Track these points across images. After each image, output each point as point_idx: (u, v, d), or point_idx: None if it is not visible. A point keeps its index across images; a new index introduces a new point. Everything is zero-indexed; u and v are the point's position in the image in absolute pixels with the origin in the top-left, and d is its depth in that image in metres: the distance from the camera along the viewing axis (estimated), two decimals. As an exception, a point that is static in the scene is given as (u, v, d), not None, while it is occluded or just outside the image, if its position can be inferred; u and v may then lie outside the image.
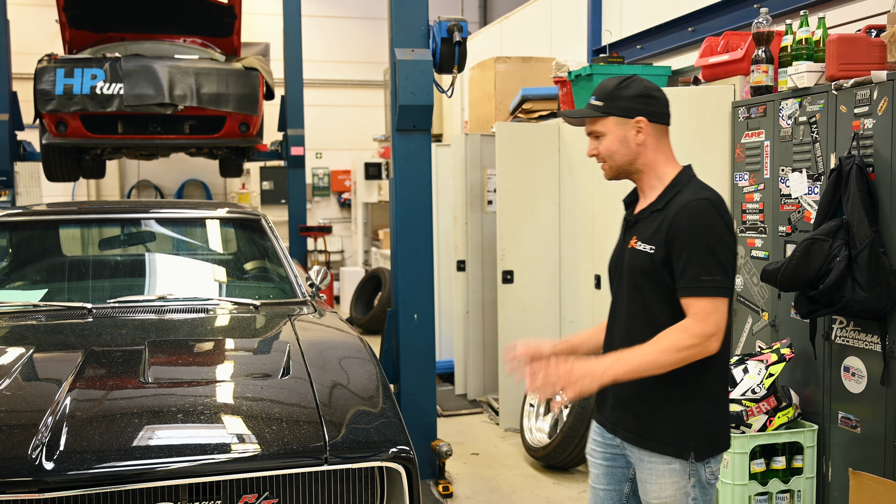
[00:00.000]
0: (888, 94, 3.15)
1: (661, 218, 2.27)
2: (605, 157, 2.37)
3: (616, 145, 2.33)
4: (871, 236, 3.13)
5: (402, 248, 4.71)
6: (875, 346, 3.25)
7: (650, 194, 2.36)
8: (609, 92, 2.34)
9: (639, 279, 2.30)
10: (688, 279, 2.18)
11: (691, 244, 2.19)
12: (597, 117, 2.35)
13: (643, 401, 2.31)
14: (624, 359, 2.19)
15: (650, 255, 2.26)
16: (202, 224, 4.39)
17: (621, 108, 2.33)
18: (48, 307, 3.58)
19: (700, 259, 2.17)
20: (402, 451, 2.51)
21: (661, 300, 2.26)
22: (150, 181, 12.45)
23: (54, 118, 6.60)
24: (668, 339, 2.17)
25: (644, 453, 2.31)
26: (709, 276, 2.17)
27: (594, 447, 2.51)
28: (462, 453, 5.24)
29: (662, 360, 2.16)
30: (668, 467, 2.27)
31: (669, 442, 2.27)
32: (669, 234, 2.22)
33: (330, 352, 3.24)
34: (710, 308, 2.17)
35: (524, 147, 5.59)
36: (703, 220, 2.20)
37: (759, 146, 3.86)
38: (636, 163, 2.35)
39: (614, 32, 6.53)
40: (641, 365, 2.17)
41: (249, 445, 2.44)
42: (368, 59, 12.80)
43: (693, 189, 2.28)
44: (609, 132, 2.34)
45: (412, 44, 4.58)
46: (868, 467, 3.23)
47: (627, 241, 2.37)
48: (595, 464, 2.50)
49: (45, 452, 2.26)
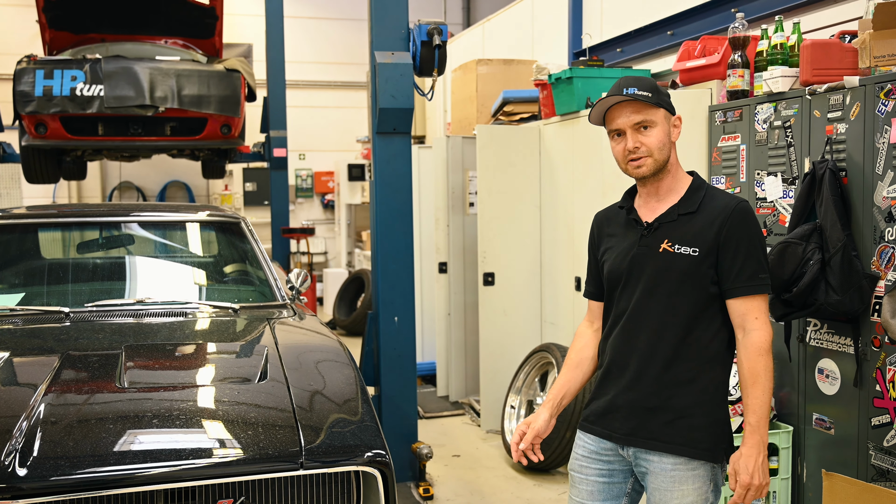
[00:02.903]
0: (860, 100, 3.19)
1: (700, 220, 2.28)
2: (653, 150, 2.30)
3: (665, 138, 2.31)
4: (844, 240, 3.17)
5: (383, 251, 4.72)
6: (848, 349, 3.29)
7: (668, 197, 2.36)
8: (653, 86, 2.31)
9: (678, 282, 2.28)
10: (747, 278, 2.24)
11: (748, 244, 2.25)
12: (652, 106, 2.29)
13: (673, 410, 2.28)
14: (758, 419, 2.21)
15: (693, 258, 2.26)
16: (182, 227, 4.38)
17: (668, 103, 2.33)
18: (25, 311, 3.56)
19: (757, 258, 2.26)
20: (377, 455, 2.51)
21: (700, 302, 2.28)
22: (132, 183, 12.38)
23: (34, 120, 6.57)
24: (760, 364, 2.22)
25: (669, 461, 2.28)
26: (764, 273, 2.27)
27: (586, 464, 2.42)
28: (443, 455, 5.26)
29: (771, 381, 2.24)
30: (692, 473, 2.27)
31: (705, 447, 2.26)
32: (721, 235, 2.25)
33: (308, 356, 3.24)
34: (765, 305, 2.27)
35: (505, 149, 5.61)
36: (753, 220, 2.29)
37: (736, 150, 3.90)
38: (668, 161, 2.34)
39: (594, 35, 6.56)
40: (769, 401, 2.23)
41: (226, 450, 2.44)
42: (351, 60, 12.79)
43: (724, 193, 2.37)
44: (659, 125, 2.30)
45: (392, 47, 4.59)
46: (841, 468, 3.27)
47: (651, 245, 2.33)
48: (587, 481, 2.42)
49: (18, 458, 2.25)
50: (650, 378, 2.30)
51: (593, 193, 4.82)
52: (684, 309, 2.28)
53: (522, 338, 5.67)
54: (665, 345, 2.28)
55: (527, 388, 5.30)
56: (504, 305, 5.66)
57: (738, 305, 2.26)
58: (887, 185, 3.09)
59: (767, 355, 2.22)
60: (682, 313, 2.28)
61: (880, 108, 3.09)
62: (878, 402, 3.15)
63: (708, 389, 2.28)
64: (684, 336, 2.27)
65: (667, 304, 2.29)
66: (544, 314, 5.66)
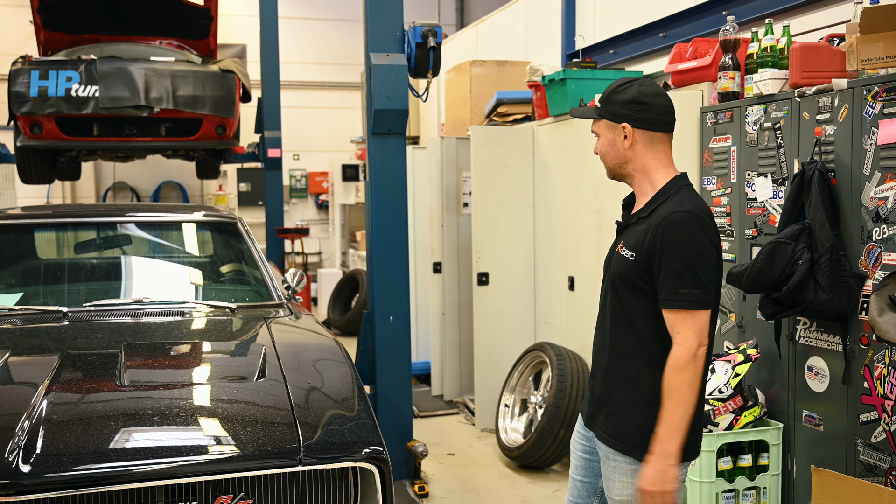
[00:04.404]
0: (848, 102, 3.24)
1: (646, 226, 2.31)
2: (602, 156, 2.45)
3: (606, 147, 2.42)
4: (833, 240, 3.22)
5: (378, 251, 4.76)
6: (837, 347, 3.35)
7: (641, 200, 2.41)
8: (606, 95, 2.41)
9: (620, 284, 2.37)
10: (666, 291, 2.24)
11: (669, 257, 2.23)
12: (594, 118, 2.45)
13: (613, 403, 2.38)
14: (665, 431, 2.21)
15: (630, 262, 2.32)
16: (178, 227, 4.41)
17: (611, 112, 2.39)
18: (23, 311, 3.59)
19: (677, 272, 2.21)
20: (375, 451, 2.56)
21: (641, 306, 2.32)
22: (126, 183, 12.39)
23: (29, 120, 6.58)
24: (673, 380, 2.21)
25: (609, 451, 2.38)
26: (685, 289, 2.21)
27: (577, 439, 2.60)
28: (438, 453, 5.30)
29: (685, 397, 2.21)
30: (630, 468, 2.34)
31: (634, 444, 2.32)
32: (649, 245, 2.27)
33: (305, 354, 3.28)
34: (689, 321, 2.21)
35: (499, 150, 5.65)
36: (681, 233, 2.23)
37: (727, 151, 3.95)
38: (626, 167, 2.41)
39: (587, 37, 6.61)
40: (680, 416, 2.20)
41: (225, 447, 2.48)
42: (345, 60, 12.82)
43: (677, 200, 2.29)
44: (602, 134, 2.43)
45: (387, 48, 4.63)
46: (830, 464, 3.33)
47: (616, 245, 2.45)
48: (576, 455, 2.59)
49: (21, 455, 2.29)
50: (601, 370, 2.45)
51: (587, 194, 4.87)
52: (627, 309, 2.35)
53: (516, 337, 5.72)
54: (613, 341, 2.39)
55: (521, 386, 5.35)
56: (498, 305, 5.71)
57: (665, 317, 2.26)
58: (875, 186, 3.14)
59: (682, 372, 2.20)
60: (627, 313, 2.36)
61: (868, 110, 3.15)
62: (866, 398, 3.20)
63: (644, 390, 2.32)
64: (629, 335, 2.35)
65: (615, 302, 2.39)
66: (538, 313, 5.71)
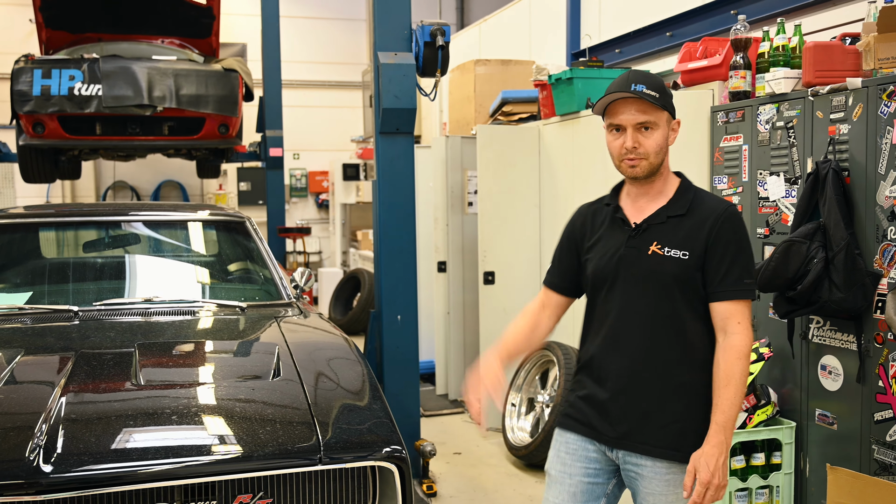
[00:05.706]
0: (863, 101, 3.24)
1: (690, 223, 2.26)
2: (650, 153, 2.26)
3: (664, 142, 2.28)
4: (847, 238, 3.22)
5: (386, 250, 4.74)
6: (851, 345, 3.35)
7: (658, 199, 2.33)
8: (661, 85, 2.26)
9: (669, 285, 2.25)
10: (733, 282, 2.22)
11: (736, 248, 2.23)
12: (657, 108, 2.25)
13: (667, 413, 2.26)
14: (726, 420, 2.17)
15: (684, 261, 2.24)
16: (187, 227, 4.39)
17: (672, 106, 2.28)
18: (34, 310, 3.57)
19: (743, 264, 2.24)
20: (395, 450, 2.55)
21: (689, 306, 2.26)
22: (126, 182, 12.36)
23: (31, 119, 6.55)
24: (737, 368, 2.18)
25: (664, 465, 2.26)
26: (750, 279, 2.25)
27: (571, 462, 2.38)
28: (445, 453, 5.29)
29: (744, 385, 2.21)
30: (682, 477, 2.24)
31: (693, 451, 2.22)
32: (711, 239, 2.23)
33: (318, 353, 3.27)
34: (748, 310, 2.25)
35: (505, 149, 5.64)
36: (742, 225, 2.28)
37: (738, 150, 3.95)
38: (663, 164, 2.31)
39: (593, 36, 6.61)
40: (740, 403, 2.19)
41: (244, 446, 2.46)
42: (346, 60, 12.81)
43: (711, 196, 2.35)
44: (660, 127, 2.26)
45: (395, 47, 4.62)
46: (844, 463, 3.32)
47: (639, 246, 2.30)
48: (571, 481, 2.37)
49: (42, 455, 2.27)
50: (644, 381, 2.27)
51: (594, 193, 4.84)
52: (676, 312, 2.25)
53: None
54: (659, 348, 2.25)
55: (527, 385, 5.34)
56: (504, 304, 5.70)
57: (721, 309, 2.23)
58: (889, 185, 3.14)
59: (745, 360, 2.20)
60: (674, 317, 2.25)
61: (883, 109, 3.15)
62: (881, 397, 3.20)
63: (700, 396, 2.25)
64: (677, 340, 2.25)
65: (658, 307, 2.26)
66: (544, 313, 5.69)
